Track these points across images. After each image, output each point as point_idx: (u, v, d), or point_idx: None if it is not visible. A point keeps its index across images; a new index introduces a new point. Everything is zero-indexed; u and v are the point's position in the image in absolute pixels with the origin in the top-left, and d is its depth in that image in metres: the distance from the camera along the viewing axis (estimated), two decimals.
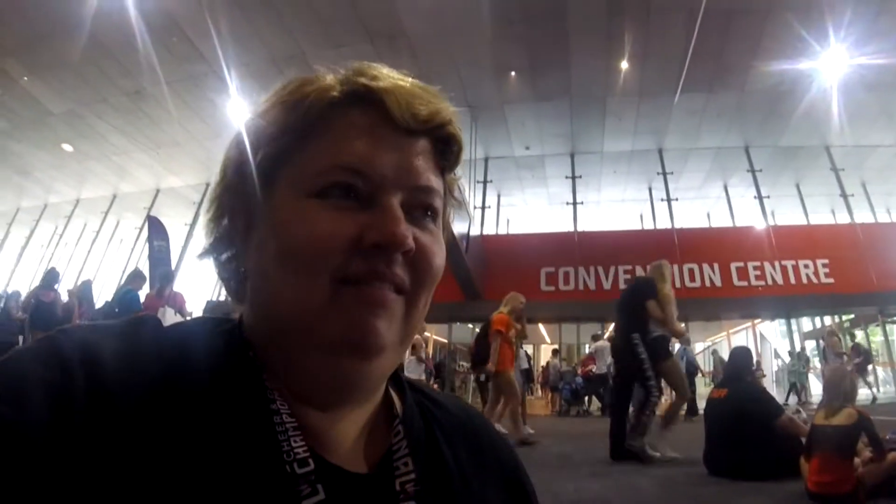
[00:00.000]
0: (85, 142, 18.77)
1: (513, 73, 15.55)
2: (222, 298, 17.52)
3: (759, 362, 20.22)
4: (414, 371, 11.57)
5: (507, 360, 7.81)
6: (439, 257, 0.62)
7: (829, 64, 14.38)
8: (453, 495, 0.65)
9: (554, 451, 7.10)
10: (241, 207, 0.63)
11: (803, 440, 4.58)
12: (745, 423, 5.17)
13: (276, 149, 0.60)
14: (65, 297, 11.36)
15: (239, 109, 16.33)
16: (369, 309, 0.56)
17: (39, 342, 0.52)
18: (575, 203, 19.24)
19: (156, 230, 14.56)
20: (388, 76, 0.63)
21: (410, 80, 0.64)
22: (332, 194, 0.57)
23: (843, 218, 18.86)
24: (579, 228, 19.00)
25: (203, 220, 0.68)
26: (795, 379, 16.12)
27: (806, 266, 16.89)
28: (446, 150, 0.65)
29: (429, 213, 0.63)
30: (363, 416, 0.64)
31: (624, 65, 15.08)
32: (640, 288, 6.94)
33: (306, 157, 0.59)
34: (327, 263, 0.55)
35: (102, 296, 14.05)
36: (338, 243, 0.55)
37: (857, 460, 4.07)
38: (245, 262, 0.63)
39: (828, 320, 18.62)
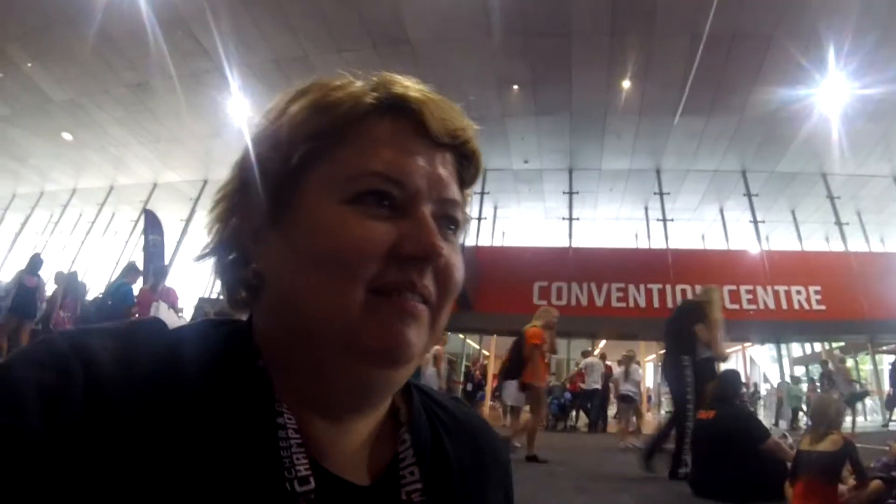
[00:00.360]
0: (84, 131, 18.71)
1: (515, 87, 15.61)
2: (215, 295, 17.45)
3: (756, 384, 20.40)
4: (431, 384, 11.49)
5: (540, 374, 7.83)
6: (461, 270, 0.63)
7: (829, 92, 14.47)
8: (459, 501, 0.65)
9: (539, 465, 7.09)
10: (256, 207, 0.62)
11: (789, 464, 4.60)
12: (732, 446, 5.21)
13: (305, 151, 0.59)
14: (51, 285, 11.29)
15: (240, 108, 16.37)
16: (403, 319, 0.56)
17: (38, 345, 0.51)
18: (571, 218, 19.31)
19: (151, 224, 14.47)
20: (419, 87, 0.63)
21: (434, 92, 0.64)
22: (366, 201, 0.57)
23: (836, 245, 18.94)
24: (574, 244, 19.03)
25: (207, 218, 0.67)
26: (796, 403, 16.11)
27: (798, 292, 16.97)
28: (468, 165, 0.66)
29: (452, 225, 0.63)
30: (370, 425, 0.64)
31: (625, 84, 15.15)
32: (689, 312, 7.08)
33: (339, 162, 0.58)
34: (365, 271, 0.55)
35: (94, 288, 14.02)
36: (376, 251, 0.55)
37: (841, 487, 4.09)
38: (259, 264, 0.62)
39: (818, 346, 18.69)
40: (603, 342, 19.55)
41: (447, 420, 0.73)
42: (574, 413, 16.09)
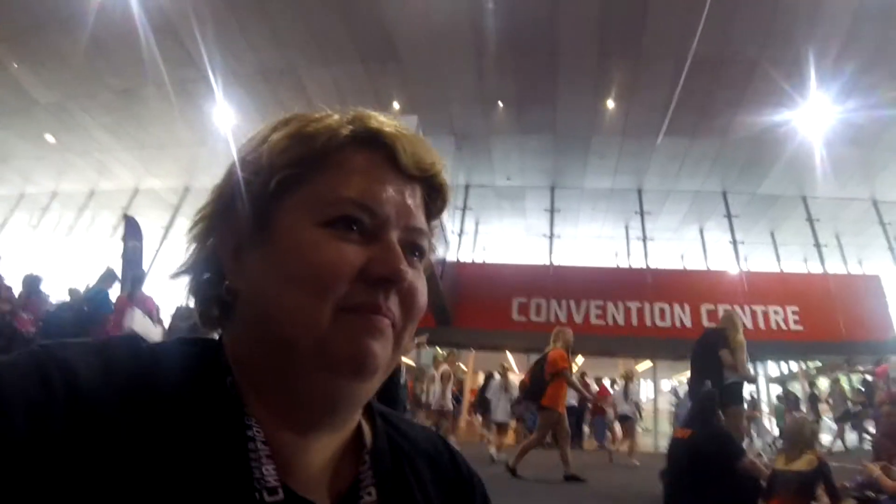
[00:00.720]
0: (68, 134, 18.52)
1: (500, 105, 15.71)
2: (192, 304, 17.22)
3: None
4: (437, 400, 11.49)
5: (560, 398, 7.85)
6: (424, 295, 0.66)
7: (811, 117, 14.71)
8: None
9: (514, 482, 7.10)
10: (235, 228, 0.66)
11: (763, 483, 4.65)
12: (708, 464, 5.22)
13: (285, 176, 0.63)
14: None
15: (225, 118, 16.37)
16: (369, 333, 0.60)
17: (20, 357, 0.53)
18: (552, 236, 19.36)
19: (131, 230, 14.32)
20: (391, 123, 0.68)
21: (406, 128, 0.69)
22: (339, 225, 0.61)
23: (815, 267, 19.13)
24: (554, 261, 19.09)
25: (186, 237, 0.70)
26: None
27: (776, 312, 17.11)
28: (436, 197, 0.72)
29: (417, 252, 0.67)
30: (335, 443, 0.66)
31: (610, 104, 15.32)
32: (713, 339, 7.23)
33: (316, 188, 0.62)
34: (336, 290, 0.58)
35: (59, 293, 13.79)
36: (346, 272, 0.59)
37: None
38: (235, 282, 0.65)
39: (794, 366, 18.85)
40: (581, 359, 19.59)
41: (410, 449, 0.75)
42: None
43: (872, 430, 13.64)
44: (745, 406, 16.44)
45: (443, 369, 11.50)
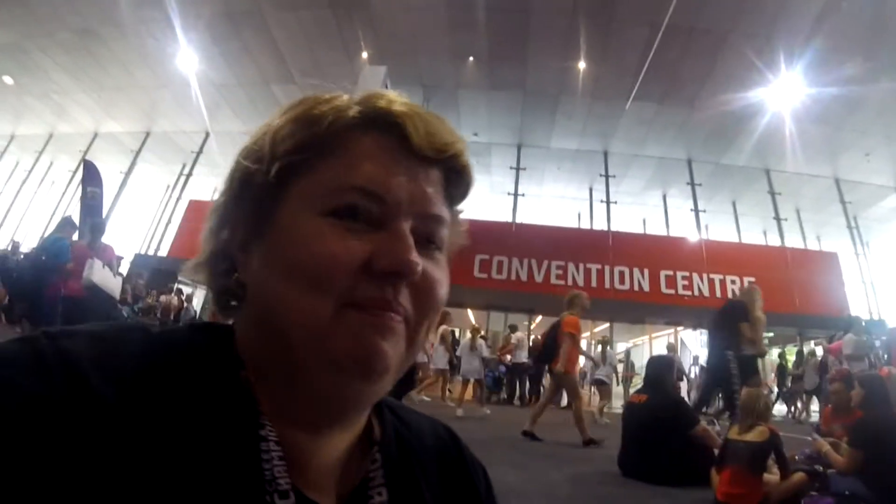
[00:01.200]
0: (26, 76, 18.01)
1: (470, 59, 15.58)
2: (152, 252, 17.07)
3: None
4: (441, 360, 11.69)
5: (573, 362, 7.84)
6: (444, 287, 0.61)
7: (779, 92, 14.95)
8: None
9: (477, 437, 7.12)
10: (243, 219, 0.62)
11: (715, 451, 4.74)
12: (661, 430, 5.31)
13: (289, 164, 0.58)
14: None
15: (188, 60, 16.04)
16: (376, 330, 0.55)
17: (17, 344, 0.50)
18: (517, 194, 19.44)
19: (90, 175, 14.06)
20: (404, 102, 0.62)
21: (423, 108, 0.63)
22: (344, 214, 0.56)
23: (774, 240, 19.46)
24: (518, 220, 19.18)
25: (203, 231, 0.66)
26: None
27: (733, 282, 17.43)
28: (458, 182, 0.65)
29: (435, 242, 0.62)
30: (345, 441, 0.63)
31: (581, 65, 15.31)
32: (735, 310, 7.38)
33: (320, 175, 0.58)
34: (336, 284, 0.54)
35: (28, 239, 13.60)
36: (349, 265, 0.55)
37: (766, 476, 4.24)
38: (243, 274, 0.62)
39: None
40: (539, 318, 19.79)
41: (417, 444, 0.72)
42: (510, 386, 16.21)
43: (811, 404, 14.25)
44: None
45: (442, 329, 11.55)
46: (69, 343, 0.50)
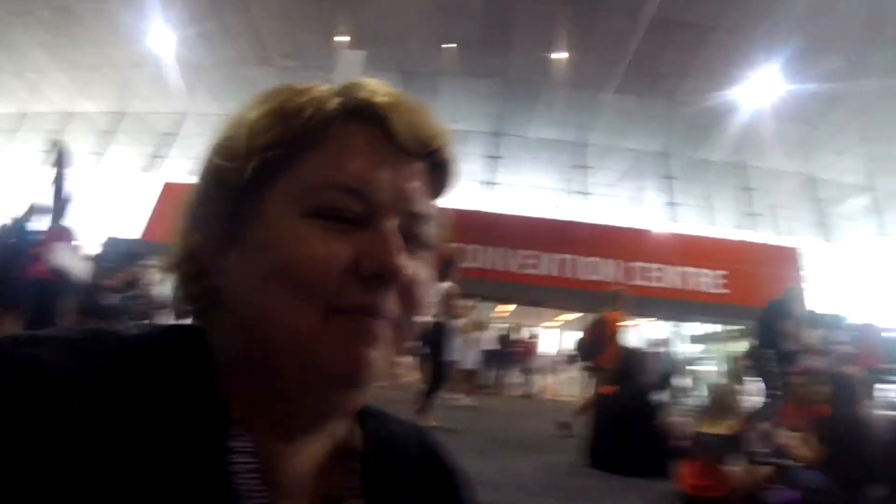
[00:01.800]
0: (3, 54, 17.55)
1: (451, 45, 15.51)
2: (122, 236, 16.92)
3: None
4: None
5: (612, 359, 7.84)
6: (430, 287, 0.60)
7: (759, 89, 15.13)
8: None
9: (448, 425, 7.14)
10: (217, 220, 0.58)
11: (683, 444, 4.81)
12: (631, 421, 5.40)
13: (266, 161, 0.55)
14: None
15: (164, 40, 15.77)
16: (364, 340, 0.54)
17: None
18: (492, 183, 19.46)
19: (60, 157, 13.82)
20: (387, 91, 0.60)
21: (405, 95, 0.61)
22: (327, 214, 0.54)
23: (747, 235, 19.63)
24: (492, 209, 19.06)
25: (174, 233, 0.62)
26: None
27: (705, 275, 17.53)
28: (442, 175, 0.63)
29: (422, 240, 0.60)
30: (322, 450, 0.61)
31: (562, 55, 15.33)
32: (778, 310, 7.63)
33: (300, 173, 0.55)
34: (321, 289, 0.52)
35: None
36: (333, 269, 0.52)
37: (734, 469, 4.32)
38: (219, 279, 0.58)
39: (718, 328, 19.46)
40: (512, 307, 19.84)
41: (399, 451, 0.70)
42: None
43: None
44: None
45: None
46: (34, 350, 0.48)
